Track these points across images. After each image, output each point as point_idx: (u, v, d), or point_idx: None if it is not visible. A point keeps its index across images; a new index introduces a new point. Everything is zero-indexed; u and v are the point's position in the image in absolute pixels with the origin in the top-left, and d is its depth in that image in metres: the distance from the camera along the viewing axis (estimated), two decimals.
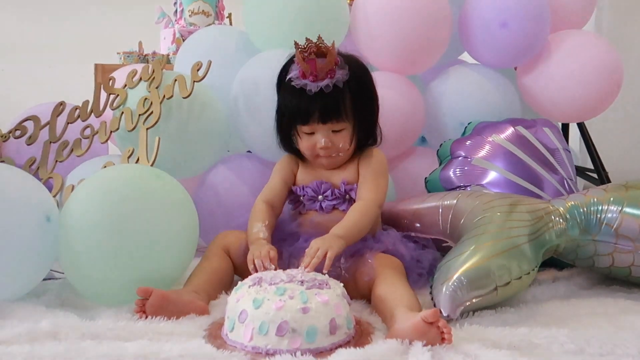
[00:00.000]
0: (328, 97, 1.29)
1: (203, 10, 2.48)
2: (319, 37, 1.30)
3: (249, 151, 1.73)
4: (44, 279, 1.26)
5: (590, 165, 2.20)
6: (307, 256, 1.14)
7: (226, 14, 2.57)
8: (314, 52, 1.28)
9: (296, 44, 1.29)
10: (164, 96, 1.46)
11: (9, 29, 3.31)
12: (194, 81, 1.48)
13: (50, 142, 1.53)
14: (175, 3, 2.51)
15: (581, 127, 2.16)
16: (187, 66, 1.54)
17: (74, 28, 3.27)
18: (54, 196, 1.35)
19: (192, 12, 2.48)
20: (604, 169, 2.13)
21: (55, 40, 3.27)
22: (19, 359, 0.92)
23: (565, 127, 2.18)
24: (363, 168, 1.36)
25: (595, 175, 2.15)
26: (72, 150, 1.50)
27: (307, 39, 1.29)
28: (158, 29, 2.58)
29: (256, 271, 1.17)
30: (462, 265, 1.13)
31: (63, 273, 1.29)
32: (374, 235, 1.31)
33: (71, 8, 3.31)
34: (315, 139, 1.33)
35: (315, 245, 1.17)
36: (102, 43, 2.92)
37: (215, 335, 1.04)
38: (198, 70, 1.49)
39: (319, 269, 1.13)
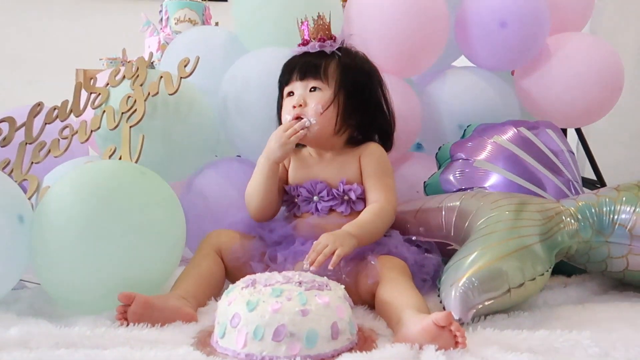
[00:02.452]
0: (311, 55, 1.30)
1: (189, 19, 2.41)
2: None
3: (238, 156, 1.64)
4: (14, 289, 1.16)
5: (587, 173, 2.14)
6: (313, 252, 1.06)
7: (213, 23, 2.50)
8: (314, 22, 1.30)
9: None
10: (149, 93, 1.38)
11: None
12: (181, 77, 1.40)
13: (26, 144, 1.43)
14: (160, 11, 2.43)
15: (579, 133, 2.11)
16: (173, 68, 1.47)
17: (57, 38, 3.18)
18: (29, 198, 1.25)
19: (178, 20, 2.41)
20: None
21: (38, 50, 3.18)
22: None
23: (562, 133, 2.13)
24: (366, 166, 1.28)
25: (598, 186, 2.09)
26: (49, 151, 1.40)
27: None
28: (142, 39, 2.51)
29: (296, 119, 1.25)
30: (471, 266, 1.05)
31: (36, 283, 1.19)
32: None
33: (53, 17, 3.22)
34: (293, 99, 1.29)
35: (325, 240, 1.08)
36: (85, 54, 2.84)
37: (204, 343, 0.95)
38: (185, 66, 1.42)
39: (324, 266, 1.05)
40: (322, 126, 1.27)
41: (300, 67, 1.30)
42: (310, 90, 1.28)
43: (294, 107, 1.28)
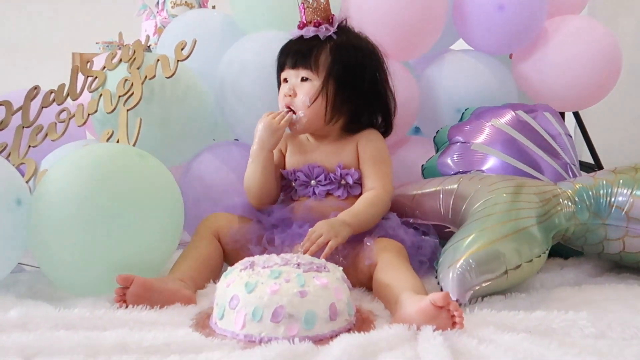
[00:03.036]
0: (304, 42, 1.28)
1: (186, 2, 2.39)
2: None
3: (236, 140, 1.64)
4: (13, 272, 1.16)
5: (585, 156, 2.14)
6: (308, 240, 1.08)
7: (210, 6, 2.48)
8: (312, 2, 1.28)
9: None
10: (146, 76, 1.37)
11: None
12: (178, 60, 1.39)
13: (23, 127, 1.42)
14: None
15: (577, 116, 2.11)
16: (170, 51, 1.46)
17: (53, 22, 3.16)
18: (27, 182, 1.25)
19: (174, 4, 2.39)
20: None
21: (34, 34, 3.15)
22: None
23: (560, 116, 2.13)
24: (363, 153, 1.28)
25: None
26: (46, 135, 1.40)
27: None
28: (139, 23, 2.49)
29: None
30: (469, 247, 1.06)
31: (34, 266, 1.19)
32: None
33: (49, 0, 3.19)
34: (285, 87, 1.29)
35: (320, 230, 1.09)
36: (82, 38, 2.82)
37: (203, 325, 0.95)
38: (182, 49, 1.41)
39: (317, 255, 1.06)
40: (311, 117, 1.27)
41: (293, 55, 1.29)
42: (302, 80, 1.27)
43: (285, 95, 1.28)
